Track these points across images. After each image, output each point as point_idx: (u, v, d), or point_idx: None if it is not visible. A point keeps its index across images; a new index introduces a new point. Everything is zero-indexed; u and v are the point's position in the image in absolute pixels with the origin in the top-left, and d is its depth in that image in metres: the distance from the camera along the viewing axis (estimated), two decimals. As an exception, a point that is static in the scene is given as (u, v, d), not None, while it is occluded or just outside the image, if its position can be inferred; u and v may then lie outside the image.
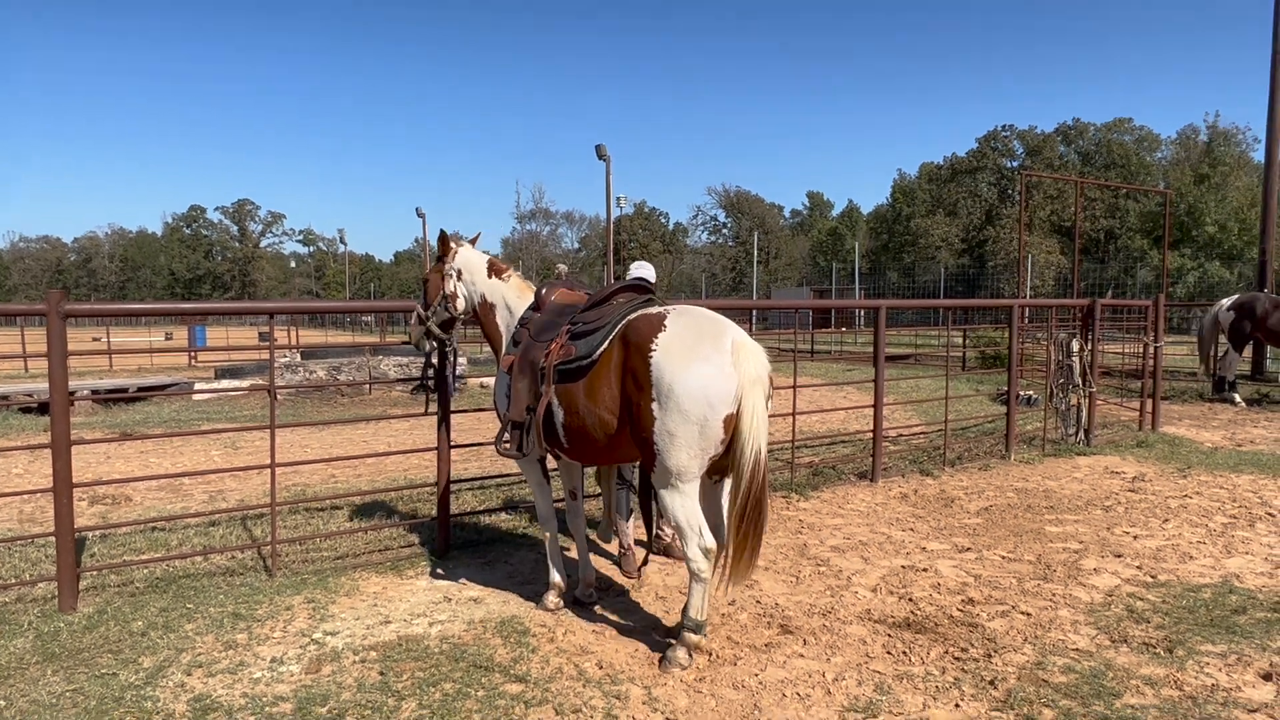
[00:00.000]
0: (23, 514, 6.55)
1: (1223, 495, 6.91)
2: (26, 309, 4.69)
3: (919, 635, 4.10)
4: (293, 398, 13.81)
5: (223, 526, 6.12)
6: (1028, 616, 4.33)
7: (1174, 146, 56.35)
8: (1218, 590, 4.69)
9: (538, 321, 4.28)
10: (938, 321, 31.69)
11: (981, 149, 59.71)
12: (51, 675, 3.69)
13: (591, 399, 3.84)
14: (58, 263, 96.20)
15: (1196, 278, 40.54)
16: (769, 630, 4.18)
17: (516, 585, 4.85)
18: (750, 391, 3.57)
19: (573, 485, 4.68)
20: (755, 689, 3.57)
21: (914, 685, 3.59)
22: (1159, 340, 10.19)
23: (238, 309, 5.81)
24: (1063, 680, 3.60)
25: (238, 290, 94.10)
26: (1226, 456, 8.54)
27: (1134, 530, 5.92)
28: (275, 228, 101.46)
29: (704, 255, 79.74)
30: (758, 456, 3.58)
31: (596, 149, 24.13)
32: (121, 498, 7.05)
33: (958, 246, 56.52)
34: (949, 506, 6.61)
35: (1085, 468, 8.07)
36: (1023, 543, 5.63)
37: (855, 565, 5.19)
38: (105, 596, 4.67)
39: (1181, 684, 3.56)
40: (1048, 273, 46.20)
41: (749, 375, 3.58)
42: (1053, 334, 9.49)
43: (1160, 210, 47.05)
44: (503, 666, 3.76)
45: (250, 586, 4.80)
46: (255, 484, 7.59)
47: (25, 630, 4.19)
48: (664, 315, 3.79)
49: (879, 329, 7.74)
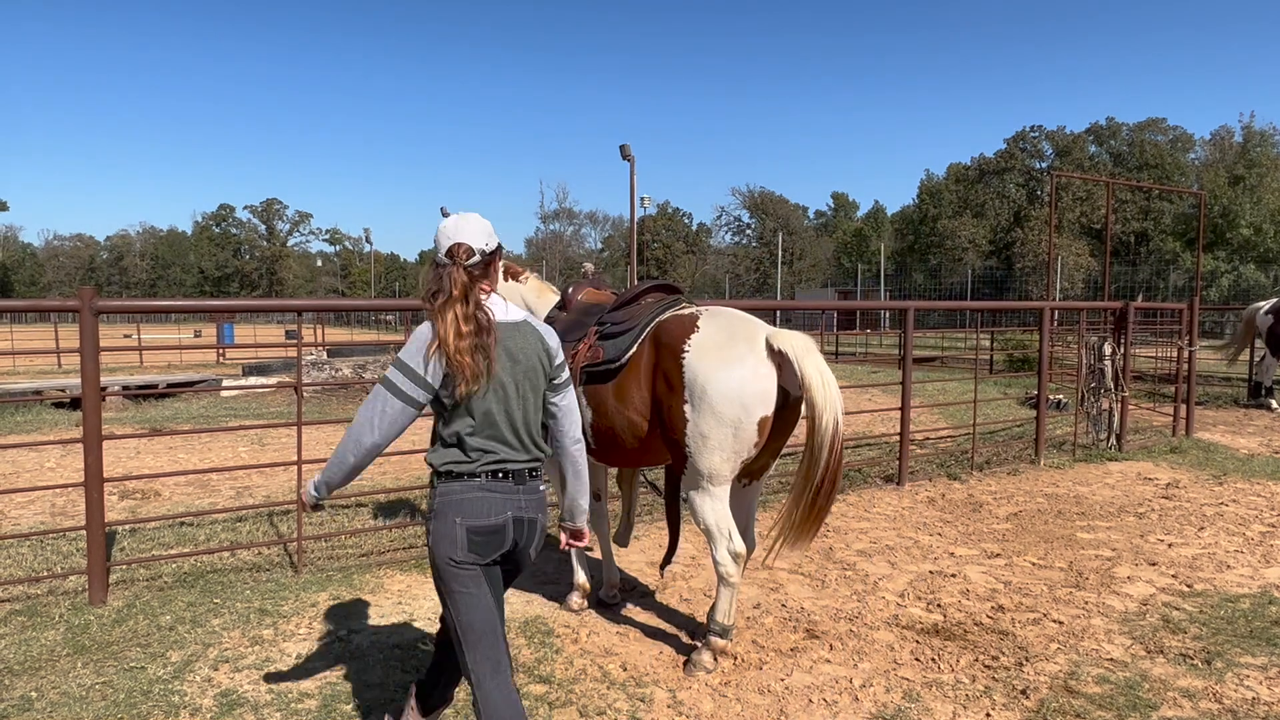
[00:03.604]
0: (55, 507, 6.65)
1: (1260, 503, 6.76)
2: (60, 305, 4.75)
3: (948, 642, 4.04)
4: (319, 395, 13.93)
5: (249, 522, 6.17)
6: (1060, 625, 4.25)
7: (1208, 147, 55.30)
8: (1257, 600, 4.57)
9: (564, 321, 4.26)
10: (964, 324, 31.38)
11: (1010, 149, 58.95)
12: (81, 668, 3.73)
13: (621, 401, 3.80)
14: (90, 260, 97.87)
15: (1230, 281, 39.79)
16: (795, 635, 4.14)
17: (540, 585, 4.84)
18: (807, 360, 3.44)
19: (597, 486, 4.65)
20: (781, 694, 3.53)
21: (943, 693, 3.53)
22: (1193, 344, 9.99)
23: (265, 306, 5.84)
24: (1097, 691, 3.52)
25: (265, 288, 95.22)
26: (1264, 464, 8.36)
27: (1168, 538, 5.80)
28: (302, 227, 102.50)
29: (728, 256, 79.47)
30: (836, 424, 3.39)
31: (621, 149, 24.11)
32: (151, 493, 7.14)
33: (985, 248, 55.85)
34: (977, 511, 6.52)
35: (1117, 473, 7.93)
36: (1053, 549, 5.54)
37: (882, 570, 5.13)
38: (134, 590, 4.72)
39: (1220, 697, 3.47)
40: (1076, 275, 45.53)
41: (800, 346, 3.48)
42: (1083, 337, 9.33)
43: (1194, 212, 46.26)
44: (527, 667, 3.75)
45: (276, 583, 4.83)
46: (281, 480, 7.65)
47: (57, 623, 4.24)
48: (696, 316, 3.75)
49: (907, 331, 7.64)
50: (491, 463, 2.57)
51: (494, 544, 2.57)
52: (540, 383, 2.69)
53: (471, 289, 2.57)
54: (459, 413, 2.56)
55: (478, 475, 2.56)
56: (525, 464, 2.63)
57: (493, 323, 2.57)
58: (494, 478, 2.58)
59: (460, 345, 2.48)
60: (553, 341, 2.76)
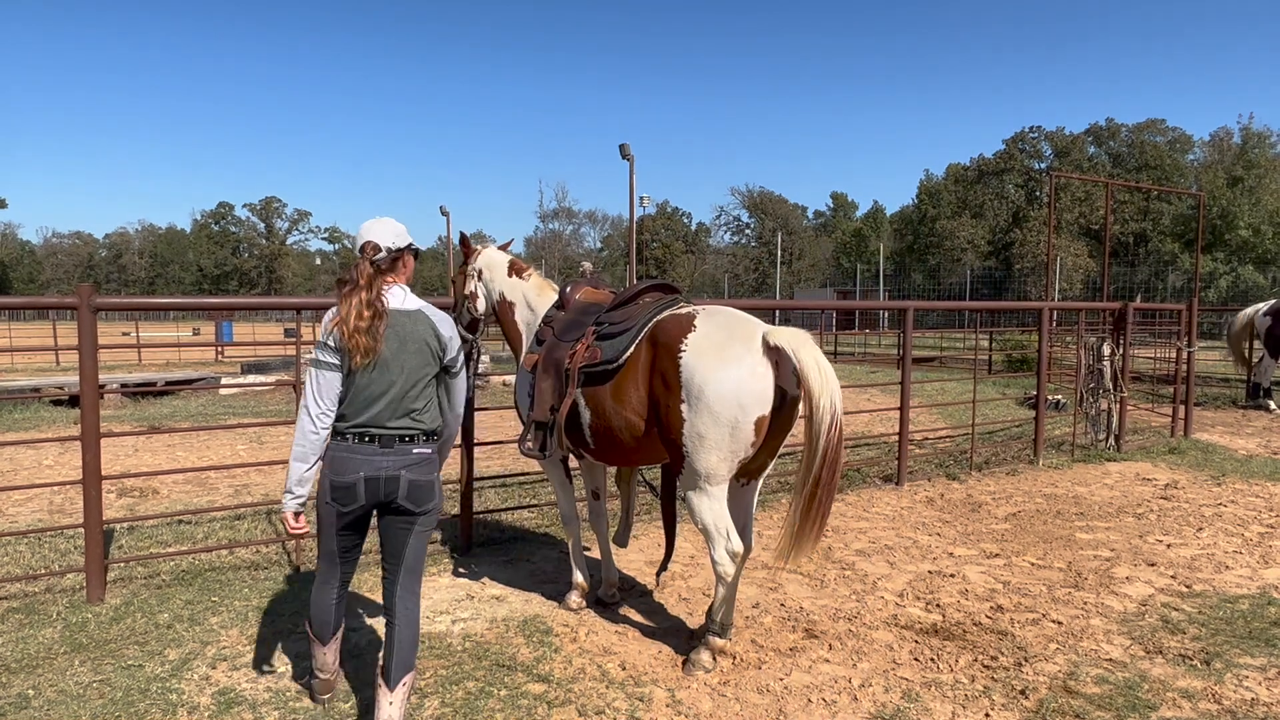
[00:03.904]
0: (53, 505, 6.64)
1: (1259, 504, 6.76)
2: (58, 302, 4.74)
3: (947, 642, 4.04)
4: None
5: (248, 520, 6.16)
6: (1059, 625, 4.25)
7: (1206, 149, 55.35)
8: (1255, 601, 4.57)
9: (562, 320, 4.24)
10: (963, 324, 31.38)
11: (1009, 150, 59.03)
12: (79, 666, 3.72)
13: (618, 401, 3.79)
14: (89, 258, 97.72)
15: (1229, 282, 39.86)
16: (794, 634, 4.13)
17: (539, 584, 4.84)
18: (803, 350, 3.44)
19: (595, 485, 4.65)
20: (780, 694, 3.53)
21: (942, 693, 3.52)
22: (1192, 345, 10.00)
23: (264, 304, 5.84)
24: (1096, 691, 3.52)
25: (264, 286, 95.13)
26: (1262, 464, 8.36)
27: (1167, 538, 5.80)
28: (301, 225, 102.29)
29: (727, 256, 79.48)
30: (834, 411, 3.38)
31: (620, 148, 24.06)
32: (149, 490, 7.13)
33: (984, 249, 55.90)
34: (976, 512, 6.52)
35: (1116, 474, 7.93)
36: (1052, 549, 5.53)
37: (881, 570, 5.12)
38: (132, 588, 4.71)
39: (1220, 697, 3.47)
40: (1075, 276, 45.57)
41: (796, 339, 3.49)
42: (1082, 338, 9.33)
43: (1192, 213, 46.27)
44: (525, 666, 3.74)
45: (275, 581, 4.82)
46: (280, 478, 7.64)
47: (54, 620, 4.23)
48: (693, 315, 3.74)
49: (906, 331, 7.64)
50: (357, 426, 3.06)
51: (347, 498, 3.08)
52: (429, 363, 3.16)
53: (375, 280, 3.10)
54: (348, 382, 3.06)
55: (347, 437, 3.08)
56: (396, 431, 3.09)
57: (386, 310, 3.07)
58: (360, 440, 3.07)
59: (358, 325, 2.99)
60: (445, 330, 3.22)
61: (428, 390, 3.17)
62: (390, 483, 3.08)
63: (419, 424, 3.13)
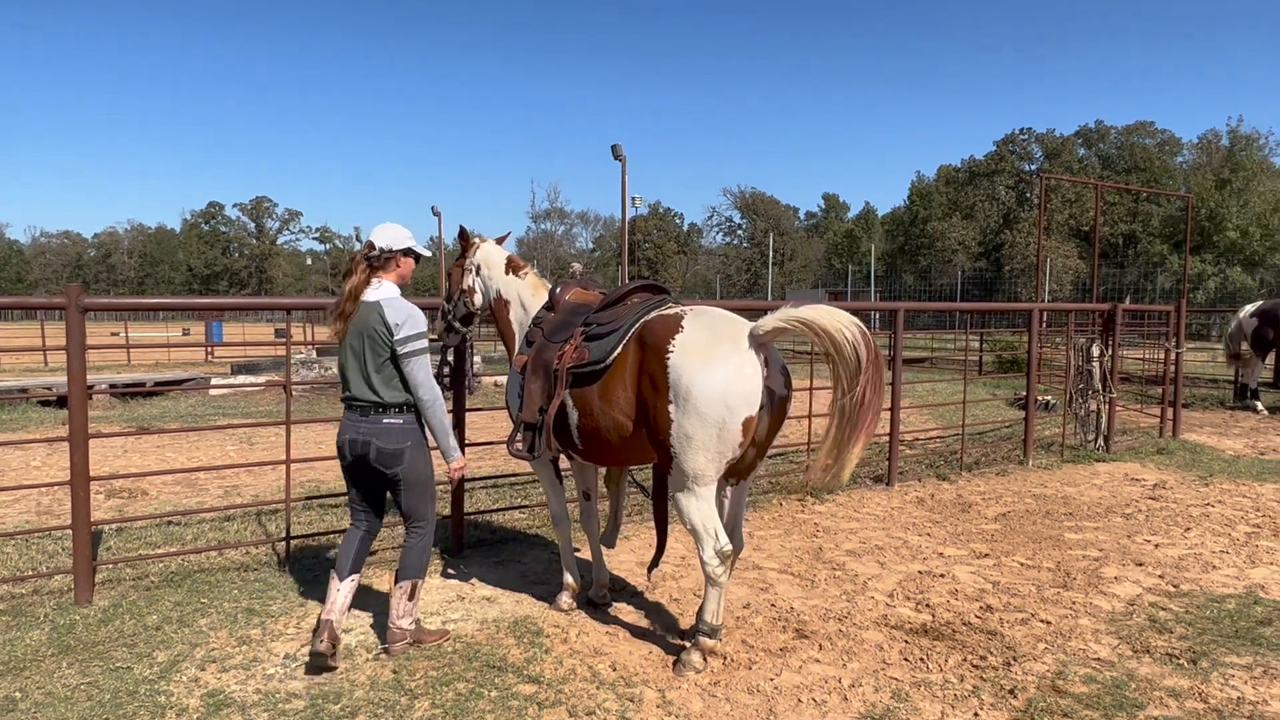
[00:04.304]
0: (40, 506, 6.60)
1: (1246, 504, 6.81)
2: (46, 303, 4.71)
3: (936, 642, 4.05)
4: (308, 394, 13.87)
5: (237, 522, 6.13)
6: (1047, 625, 4.27)
7: (1195, 151, 55.71)
8: (1242, 601, 4.61)
9: (552, 321, 4.24)
10: (953, 325, 31.48)
11: (1000, 152, 59.29)
12: (66, 668, 3.70)
13: (607, 402, 3.79)
14: (78, 258, 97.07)
15: (1217, 283, 40.10)
16: (784, 635, 4.14)
17: (529, 585, 4.83)
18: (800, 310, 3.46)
19: (586, 486, 4.65)
20: (770, 694, 3.54)
21: (932, 693, 3.54)
22: (1180, 346, 10.06)
23: (254, 305, 5.82)
24: (1084, 690, 3.54)
25: (254, 287, 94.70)
26: (1249, 465, 8.42)
27: (1155, 538, 5.83)
28: (292, 225, 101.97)
29: (719, 256, 79.54)
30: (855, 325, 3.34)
31: (612, 149, 24.02)
32: (138, 491, 7.09)
33: (974, 250, 56.12)
34: (966, 512, 6.54)
35: (1105, 474, 7.97)
36: (1041, 549, 5.56)
37: (871, 570, 5.14)
38: (120, 590, 4.69)
39: (1206, 696, 3.50)
40: (1065, 277, 45.80)
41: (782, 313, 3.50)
42: (1072, 339, 9.38)
43: (1181, 215, 46.56)
44: (516, 667, 3.74)
45: (264, 582, 4.80)
46: (270, 479, 7.61)
47: (41, 622, 4.20)
48: (681, 316, 3.74)
49: (897, 332, 7.67)
50: (346, 397, 3.75)
51: (344, 454, 3.75)
52: (381, 348, 3.64)
53: (363, 274, 3.70)
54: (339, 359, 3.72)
55: (344, 404, 3.76)
56: (368, 402, 3.67)
57: (357, 300, 3.66)
58: (349, 408, 3.74)
59: (344, 309, 3.67)
60: (393, 318, 3.64)
61: (387, 369, 3.66)
62: (364, 445, 3.67)
63: (382, 398, 3.66)
